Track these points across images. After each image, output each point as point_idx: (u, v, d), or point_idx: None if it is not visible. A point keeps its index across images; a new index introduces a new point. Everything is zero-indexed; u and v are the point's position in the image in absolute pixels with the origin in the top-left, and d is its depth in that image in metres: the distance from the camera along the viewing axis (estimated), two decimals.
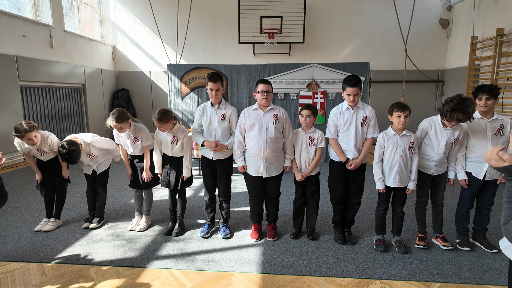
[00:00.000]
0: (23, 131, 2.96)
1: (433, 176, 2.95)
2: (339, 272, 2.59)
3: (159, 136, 3.17)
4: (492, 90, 2.73)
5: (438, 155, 2.85)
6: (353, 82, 2.82)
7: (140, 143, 3.23)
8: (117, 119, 3.03)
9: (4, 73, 5.99)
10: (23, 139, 3.02)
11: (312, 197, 3.12)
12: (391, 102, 3.00)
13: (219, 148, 3.03)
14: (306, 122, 3.00)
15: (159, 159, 3.22)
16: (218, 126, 3.09)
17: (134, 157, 3.33)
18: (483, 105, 2.79)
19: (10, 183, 4.99)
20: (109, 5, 9.57)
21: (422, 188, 2.99)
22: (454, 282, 2.46)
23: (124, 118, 3.08)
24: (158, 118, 2.97)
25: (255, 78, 6.04)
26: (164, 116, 2.99)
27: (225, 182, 3.21)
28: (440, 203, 3.01)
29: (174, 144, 3.12)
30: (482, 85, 2.80)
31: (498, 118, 2.81)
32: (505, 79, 6.44)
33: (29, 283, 2.44)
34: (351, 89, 2.83)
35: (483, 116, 2.83)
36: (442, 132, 2.83)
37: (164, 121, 2.99)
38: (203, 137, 3.12)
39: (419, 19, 8.45)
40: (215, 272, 2.60)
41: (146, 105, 9.84)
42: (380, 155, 2.91)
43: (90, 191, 3.49)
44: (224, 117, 3.09)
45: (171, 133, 3.10)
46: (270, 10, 8.43)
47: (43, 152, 3.23)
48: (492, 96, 2.74)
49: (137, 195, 3.44)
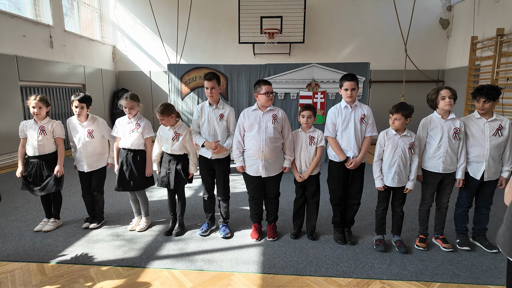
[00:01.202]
0: (34, 97, 3.14)
1: (441, 177, 2.89)
2: (339, 272, 2.59)
3: (161, 132, 3.17)
4: (490, 93, 2.70)
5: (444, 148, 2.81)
6: (350, 77, 2.88)
7: (139, 132, 3.19)
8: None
9: (4, 73, 5.99)
10: (34, 102, 3.11)
11: (313, 197, 3.12)
12: (391, 102, 3.01)
13: (218, 150, 3.05)
14: (307, 123, 3.01)
15: (158, 153, 3.22)
16: (217, 126, 3.10)
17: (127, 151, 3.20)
18: (480, 108, 2.78)
19: (10, 183, 4.99)
20: (109, 5, 9.57)
21: (429, 191, 2.97)
22: (454, 282, 2.46)
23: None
24: (161, 111, 2.98)
25: (255, 78, 6.04)
26: (167, 109, 3.00)
27: (223, 181, 3.22)
28: (445, 206, 2.99)
29: (174, 141, 3.10)
30: (481, 87, 2.78)
31: (497, 119, 2.80)
32: (505, 79, 6.44)
33: (29, 283, 2.44)
34: (349, 83, 2.86)
35: (482, 116, 2.83)
36: (443, 125, 2.82)
37: (166, 114, 3.00)
38: (203, 138, 3.12)
39: (419, 19, 8.45)
40: (215, 272, 2.60)
41: (146, 105, 9.68)
42: (379, 154, 2.91)
43: (87, 194, 3.42)
44: (222, 117, 3.10)
45: (173, 129, 3.11)
46: (270, 10, 8.44)
47: (42, 132, 3.16)
48: (490, 99, 2.73)
49: (133, 198, 3.40)
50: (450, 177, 2.91)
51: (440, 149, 2.83)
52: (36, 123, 3.18)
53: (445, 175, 2.89)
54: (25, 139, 3.22)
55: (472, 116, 2.90)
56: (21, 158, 3.26)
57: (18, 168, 3.24)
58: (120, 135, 3.27)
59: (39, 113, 3.16)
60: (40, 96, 3.17)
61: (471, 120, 2.88)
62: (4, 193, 4.50)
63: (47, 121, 3.22)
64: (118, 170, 3.22)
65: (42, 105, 3.17)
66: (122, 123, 3.27)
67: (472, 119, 2.88)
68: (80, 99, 3.19)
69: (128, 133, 3.21)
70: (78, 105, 3.19)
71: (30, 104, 3.14)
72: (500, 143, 2.79)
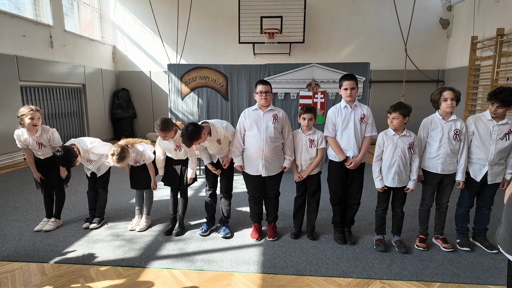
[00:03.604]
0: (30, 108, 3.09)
1: (441, 177, 2.89)
2: (339, 272, 2.59)
3: (162, 144, 3.18)
4: (505, 100, 2.62)
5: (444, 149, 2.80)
6: (349, 76, 2.90)
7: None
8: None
9: (4, 73, 5.99)
10: (27, 115, 3.05)
11: (313, 196, 3.12)
12: (391, 102, 3.00)
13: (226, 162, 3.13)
14: (308, 125, 3.00)
15: (162, 160, 3.24)
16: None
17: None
18: (493, 112, 2.72)
19: (10, 183, 4.99)
20: (109, 5, 9.57)
21: (428, 191, 2.97)
22: (454, 282, 2.45)
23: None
24: (161, 129, 2.95)
25: (255, 78, 6.03)
26: (166, 125, 2.97)
27: (227, 178, 3.23)
28: (445, 206, 2.99)
29: (177, 151, 3.16)
30: (498, 91, 2.65)
31: (508, 122, 2.73)
32: (505, 79, 6.44)
33: (29, 283, 2.44)
34: (348, 82, 2.86)
35: (493, 118, 2.76)
36: (443, 126, 2.81)
37: (167, 130, 2.98)
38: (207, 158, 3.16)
39: (419, 19, 8.45)
40: (215, 272, 2.60)
41: (146, 105, 9.85)
42: (378, 154, 2.91)
43: (91, 191, 3.50)
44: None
45: (174, 141, 3.12)
46: (270, 10, 8.44)
47: (41, 146, 3.20)
48: (504, 106, 2.65)
49: (138, 194, 3.45)
50: (450, 177, 2.90)
51: (440, 150, 2.83)
52: (31, 136, 3.15)
53: (445, 176, 2.88)
54: (27, 148, 3.23)
55: (482, 116, 2.82)
56: (32, 166, 3.30)
57: (35, 173, 3.29)
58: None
59: (38, 124, 3.12)
60: (35, 107, 3.13)
61: (481, 120, 2.81)
62: (4, 193, 4.50)
63: (40, 133, 3.17)
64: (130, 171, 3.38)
65: (40, 116, 3.14)
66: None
67: (482, 119, 2.81)
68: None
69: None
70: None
71: (27, 115, 3.04)
72: (505, 147, 2.75)
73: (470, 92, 7.57)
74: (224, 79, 6.08)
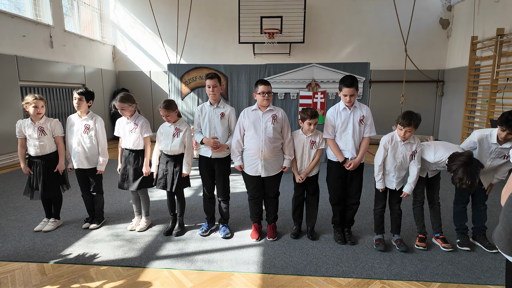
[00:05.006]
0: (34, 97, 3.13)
1: (428, 177, 3.00)
2: (339, 272, 2.59)
3: (162, 129, 3.17)
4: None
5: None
6: (349, 82, 2.83)
7: (138, 132, 3.19)
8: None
9: (4, 73, 5.99)
10: (31, 104, 3.09)
11: (313, 195, 3.13)
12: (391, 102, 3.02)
13: (220, 148, 3.05)
14: (312, 130, 2.97)
15: (157, 154, 3.22)
16: (217, 125, 3.10)
17: (129, 151, 3.24)
18: (502, 138, 2.69)
19: (10, 183, 4.99)
20: (109, 5, 9.57)
21: (418, 188, 3.00)
22: (454, 282, 2.46)
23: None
24: (165, 106, 3.01)
25: (255, 78, 6.04)
26: (170, 104, 3.05)
27: (223, 181, 3.21)
28: (437, 203, 3.03)
29: (175, 137, 3.11)
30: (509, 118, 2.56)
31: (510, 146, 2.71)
32: (505, 79, 6.44)
33: (29, 283, 2.44)
34: (348, 89, 2.84)
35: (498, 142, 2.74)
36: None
37: (171, 109, 3.04)
38: (202, 135, 3.14)
39: (419, 19, 8.45)
40: (215, 272, 2.60)
41: (146, 105, 9.82)
42: (383, 157, 2.90)
43: (86, 194, 3.42)
44: (223, 116, 3.10)
45: (174, 125, 3.12)
46: (270, 10, 8.44)
47: (42, 133, 3.16)
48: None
49: (134, 196, 3.40)
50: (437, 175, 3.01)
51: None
52: (34, 123, 3.16)
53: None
54: (23, 140, 3.21)
55: (489, 135, 2.78)
56: (22, 158, 3.24)
57: (23, 167, 3.22)
58: (121, 135, 3.29)
59: (41, 112, 3.16)
60: (39, 95, 3.17)
61: (486, 140, 2.78)
62: (4, 193, 4.50)
63: (44, 121, 3.21)
64: (121, 169, 3.27)
65: (44, 104, 3.18)
66: (122, 123, 3.28)
67: (488, 140, 2.78)
68: (79, 92, 3.28)
69: (127, 133, 3.22)
70: (77, 97, 3.26)
71: (30, 103, 3.10)
72: (500, 165, 2.83)
73: (470, 92, 7.57)
74: (224, 79, 6.08)
